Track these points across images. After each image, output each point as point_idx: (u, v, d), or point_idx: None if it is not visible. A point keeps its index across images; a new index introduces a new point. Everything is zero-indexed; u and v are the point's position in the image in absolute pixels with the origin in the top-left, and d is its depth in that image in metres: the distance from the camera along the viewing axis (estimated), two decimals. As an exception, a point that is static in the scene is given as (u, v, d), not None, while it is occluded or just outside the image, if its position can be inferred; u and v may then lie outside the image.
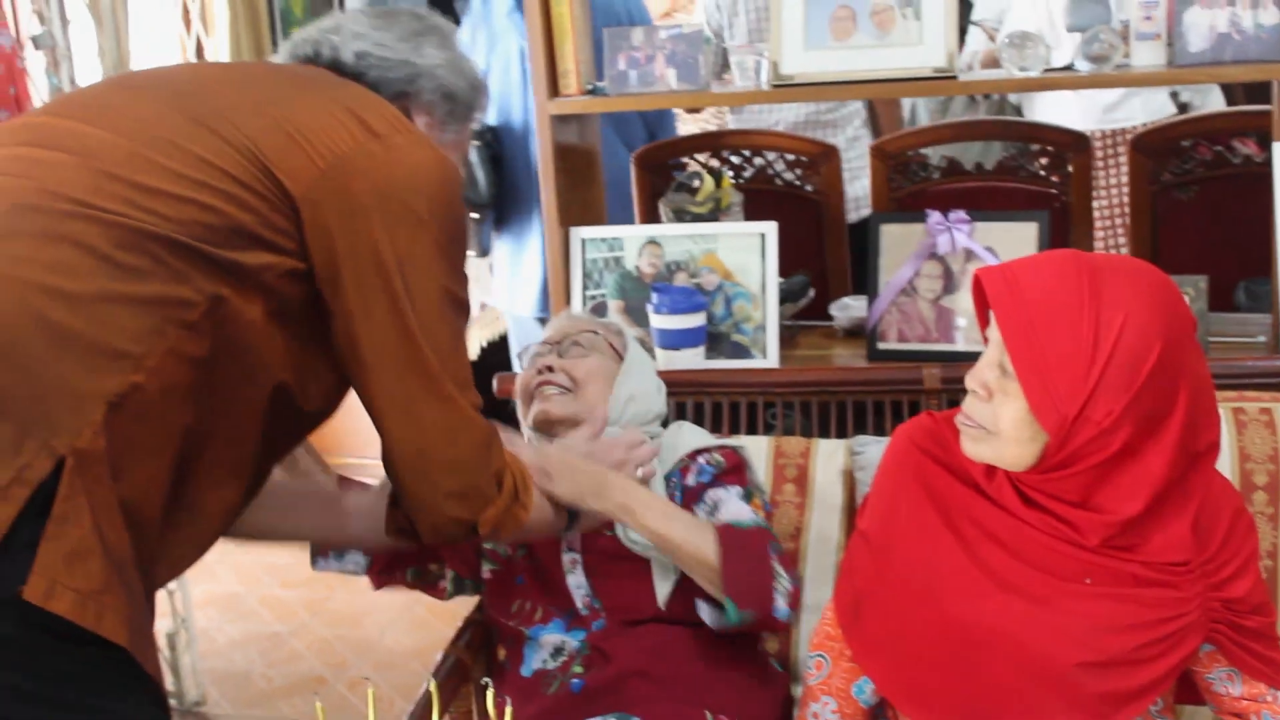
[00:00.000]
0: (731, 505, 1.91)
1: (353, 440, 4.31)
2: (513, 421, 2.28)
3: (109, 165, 1.42)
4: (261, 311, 1.46)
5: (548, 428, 2.02)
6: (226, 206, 1.43)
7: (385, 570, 2.00)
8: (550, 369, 2.04)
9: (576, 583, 1.90)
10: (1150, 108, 3.96)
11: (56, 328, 1.33)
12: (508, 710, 1.26)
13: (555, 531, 1.83)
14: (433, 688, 1.31)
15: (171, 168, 1.43)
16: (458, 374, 1.56)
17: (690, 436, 2.07)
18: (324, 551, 1.99)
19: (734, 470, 1.99)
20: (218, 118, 1.48)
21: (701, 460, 2.00)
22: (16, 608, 1.27)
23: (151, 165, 1.43)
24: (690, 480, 1.98)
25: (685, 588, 1.88)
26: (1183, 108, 4.11)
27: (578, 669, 1.83)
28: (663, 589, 1.88)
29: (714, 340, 2.63)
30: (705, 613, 1.85)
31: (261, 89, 1.57)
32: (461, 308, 1.58)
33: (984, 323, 1.61)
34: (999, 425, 1.54)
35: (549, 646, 1.88)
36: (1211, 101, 4.14)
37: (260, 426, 1.51)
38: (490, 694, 1.21)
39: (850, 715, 1.70)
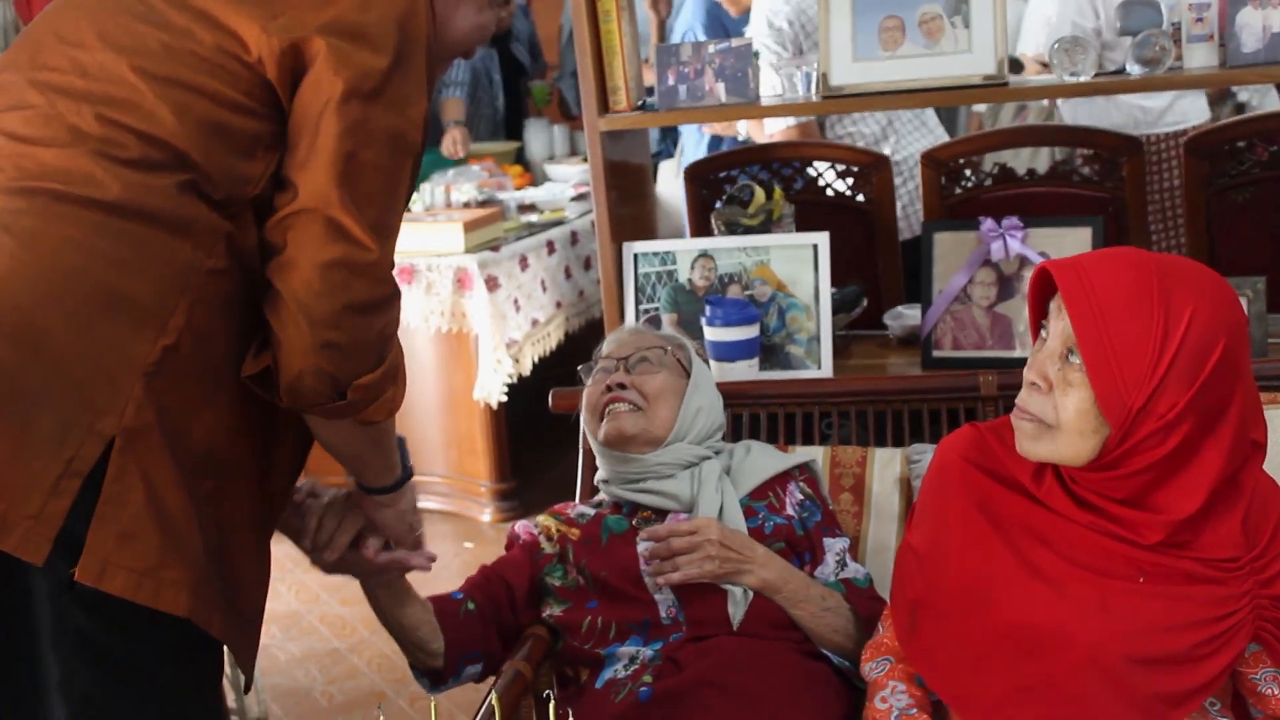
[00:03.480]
0: (850, 563, 2.01)
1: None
2: (573, 433, 2.30)
3: (79, 124, 1.38)
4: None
5: (621, 445, 2.03)
6: (201, 101, 1.39)
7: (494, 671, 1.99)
8: (621, 385, 2.05)
9: (663, 595, 1.91)
10: (1197, 108, 3.91)
11: (76, 311, 1.32)
12: (570, 721, 1.26)
13: (390, 475, 1.68)
14: (495, 700, 1.32)
15: (128, 98, 1.39)
16: (383, 218, 1.43)
17: (763, 459, 2.09)
18: (443, 678, 1.94)
19: (823, 498, 2.09)
20: (153, 13, 1.43)
21: (795, 492, 2.05)
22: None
23: (111, 102, 1.38)
24: (791, 511, 2.02)
25: (758, 606, 1.89)
26: (1240, 108, 4.07)
27: (647, 678, 1.83)
28: (737, 613, 1.89)
29: (768, 352, 2.63)
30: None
31: None
32: (408, 150, 1.47)
33: (1035, 317, 1.61)
34: (1060, 418, 1.53)
35: (625, 657, 1.89)
36: (1270, 101, 4.11)
37: None
38: (552, 705, 1.21)
39: (919, 699, 1.69)
